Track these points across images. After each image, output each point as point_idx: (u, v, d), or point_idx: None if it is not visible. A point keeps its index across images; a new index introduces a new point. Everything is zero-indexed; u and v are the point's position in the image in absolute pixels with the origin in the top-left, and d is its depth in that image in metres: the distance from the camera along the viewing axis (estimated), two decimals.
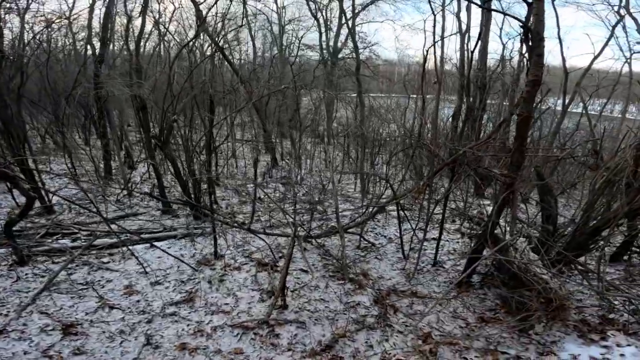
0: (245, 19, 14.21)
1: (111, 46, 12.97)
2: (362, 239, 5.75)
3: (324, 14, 14.26)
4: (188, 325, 3.65)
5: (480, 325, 3.86)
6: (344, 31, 13.81)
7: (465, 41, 9.60)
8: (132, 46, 7.53)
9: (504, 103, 9.53)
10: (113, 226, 5.53)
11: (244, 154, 12.62)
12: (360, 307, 4.10)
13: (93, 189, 7.59)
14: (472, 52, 7.96)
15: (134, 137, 13.39)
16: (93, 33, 8.45)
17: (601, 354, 3.28)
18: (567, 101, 9.97)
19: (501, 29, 11.91)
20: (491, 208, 4.46)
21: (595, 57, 10.24)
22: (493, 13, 8.99)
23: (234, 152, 11.09)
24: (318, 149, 12.37)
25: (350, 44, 14.10)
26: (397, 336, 3.63)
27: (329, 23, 13.84)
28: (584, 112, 9.67)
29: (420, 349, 3.43)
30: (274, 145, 11.46)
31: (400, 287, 4.64)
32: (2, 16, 6.76)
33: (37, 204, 6.72)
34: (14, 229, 4.55)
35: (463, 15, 12.35)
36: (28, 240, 5.11)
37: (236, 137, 12.06)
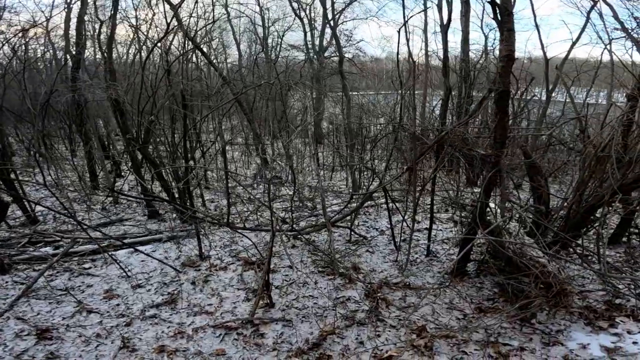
0: (228, 20, 14.10)
1: (91, 54, 12.87)
2: (352, 232, 5.59)
3: (307, 13, 14.21)
4: (168, 327, 3.47)
5: (479, 315, 3.64)
6: (329, 30, 13.78)
7: (448, 33, 9.57)
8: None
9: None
10: (95, 233, 5.39)
11: (234, 157, 12.47)
12: (351, 302, 3.91)
13: (78, 198, 7.41)
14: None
15: (122, 145, 13.26)
16: (71, 42, 8.28)
17: (612, 342, 3.08)
18: (550, 87, 9.93)
19: (482, 19, 11.79)
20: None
21: (574, 43, 10.27)
22: (472, 4, 8.97)
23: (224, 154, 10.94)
24: (308, 149, 12.24)
25: (333, 42, 14.07)
26: (389, 331, 3.44)
27: (313, 22, 13.82)
28: (568, 99, 9.61)
29: (414, 343, 3.22)
30: (264, 147, 11.31)
31: (392, 280, 4.46)
32: None
33: (20, 214, 6.57)
34: None
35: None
36: (9, 249, 4.94)
37: (226, 140, 11.91)
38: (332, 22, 11.06)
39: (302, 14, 13.94)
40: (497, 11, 3.12)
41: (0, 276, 4.30)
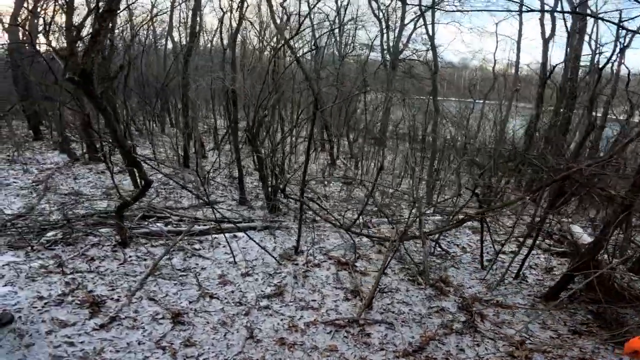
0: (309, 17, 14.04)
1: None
2: (437, 246, 5.48)
3: (384, 14, 13.85)
4: (282, 319, 3.55)
5: (573, 337, 3.65)
6: (406, 32, 13.38)
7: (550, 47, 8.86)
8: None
9: (631, 119, 8.36)
10: (199, 213, 5.58)
11: (299, 150, 12.57)
12: (446, 313, 3.95)
13: (181, 176, 7.71)
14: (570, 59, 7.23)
15: (202, 127, 13.72)
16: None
17: None
18: None
19: (590, 35, 10.53)
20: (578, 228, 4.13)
21: None
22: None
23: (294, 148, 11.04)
24: (373, 150, 12.08)
25: (411, 45, 13.62)
26: (488, 342, 3.49)
27: (395, 23, 13.42)
28: None
29: (514, 354, 3.30)
30: (333, 144, 11.28)
31: (482, 297, 4.40)
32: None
33: (131, 187, 6.96)
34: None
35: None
36: (128, 222, 5.23)
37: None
38: (428, 29, 10.37)
39: (380, 14, 13.62)
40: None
41: (123, 249, 4.56)
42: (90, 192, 6.84)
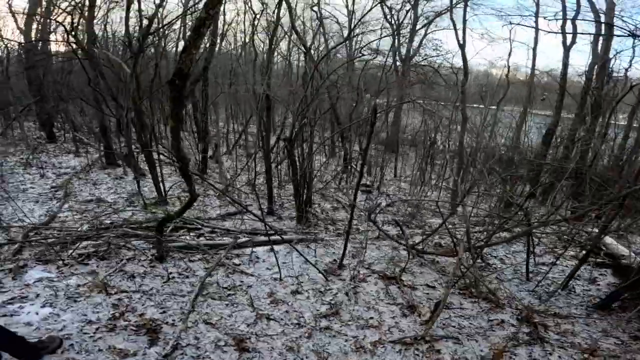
0: (320, 24, 13.82)
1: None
2: (480, 258, 5.24)
3: (395, 19, 13.65)
4: (346, 340, 3.28)
5: (636, 342, 3.54)
6: (417, 37, 13.20)
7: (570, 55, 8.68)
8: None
9: None
10: (227, 224, 5.25)
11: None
12: (507, 325, 3.76)
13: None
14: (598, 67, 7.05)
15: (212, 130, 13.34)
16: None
17: None
18: None
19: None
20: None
21: None
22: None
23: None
24: (385, 157, 11.86)
25: (422, 51, 13.44)
26: (559, 350, 3.35)
27: (405, 28, 13.23)
28: None
29: None
30: (348, 151, 11.02)
31: (536, 308, 4.20)
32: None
33: (153, 194, 6.60)
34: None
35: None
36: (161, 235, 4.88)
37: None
38: (459, 38, 10.08)
39: (391, 19, 13.43)
40: None
41: (161, 265, 4.23)
42: (112, 199, 6.46)
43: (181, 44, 14.14)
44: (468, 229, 4.76)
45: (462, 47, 8.77)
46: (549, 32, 9.99)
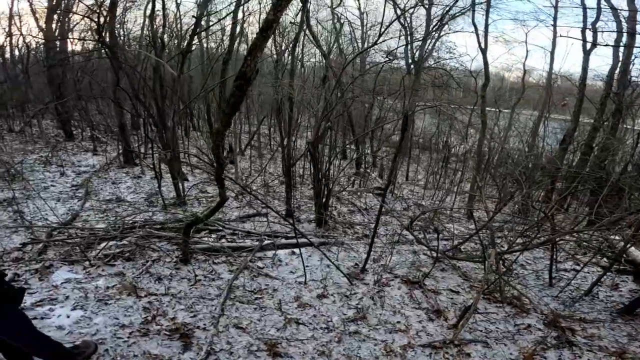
0: (334, 26, 13.79)
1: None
2: (502, 264, 5.17)
3: (408, 21, 13.55)
4: (376, 344, 3.24)
5: None
6: (430, 40, 13.07)
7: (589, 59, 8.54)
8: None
9: None
10: (247, 225, 5.20)
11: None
12: (534, 329, 3.73)
13: (207, 181, 7.34)
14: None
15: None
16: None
17: None
18: None
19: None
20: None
21: None
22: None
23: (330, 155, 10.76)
24: (398, 160, 11.78)
25: (435, 53, 13.32)
26: (588, 354, 3.36)
27: (414, 31, 13.13)
28: None
29: None
30: (361, 154, 10.96)
31: (562, 313, 4.16)
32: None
33: (171, 194, 6.58)
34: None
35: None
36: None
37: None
38: (481, 41, 9.85)
39: (404, 21, 13.33)
40: None
41: (185, 267, 4.21)
42: (132, 198, 6.45)
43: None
44: (493, 235, 4.72)
45: (483, 51, 8.66)
46: (568, 37, 9.82)
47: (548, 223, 5.05)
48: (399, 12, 12.26)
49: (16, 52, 13.16)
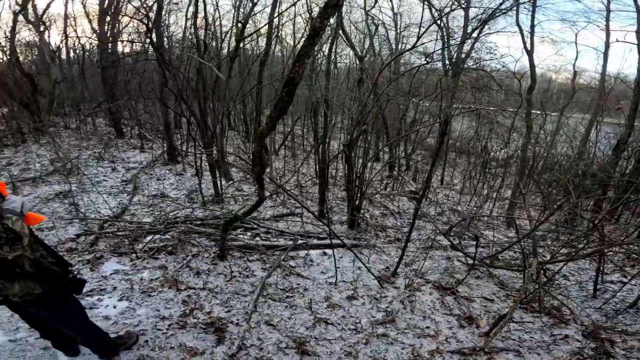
0: (368, 28, 13.68)
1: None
2: (544, 274, 4.95)
3: (445, 22, 13.19)
4: (403, 348, 3.23)
5: None
6: (469, 41, 12.66)
7: None
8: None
9: None
10: (280, 225, 5.29)
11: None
12: (571, 340, 3.57)
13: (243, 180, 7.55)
14: None
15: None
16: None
17: None
18: None
19: None
20: None
21: None
22: None
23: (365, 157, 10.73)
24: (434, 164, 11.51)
25: (474, 54, 12.87)
26: None
27: (451, 32, 12.78)
28: None
29: None
30: (395, 157, 10.80)
31: (603, 324, 3.94)
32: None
33: (209, 191, 6.83)
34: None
35: None
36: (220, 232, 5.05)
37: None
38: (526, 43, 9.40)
39: (440, 22, 12.99)
40: None
41: (222, 263, 4.35)
42: (175, 194, 6.77)
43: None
44: (535, 244, 4.54)
45: (529, 52, 8.26)
46: (624, 42, 9.12)
47: (596, 233, 4.78)
48: (435, 14, 12.00)
49: (71, 53, 14.15)
